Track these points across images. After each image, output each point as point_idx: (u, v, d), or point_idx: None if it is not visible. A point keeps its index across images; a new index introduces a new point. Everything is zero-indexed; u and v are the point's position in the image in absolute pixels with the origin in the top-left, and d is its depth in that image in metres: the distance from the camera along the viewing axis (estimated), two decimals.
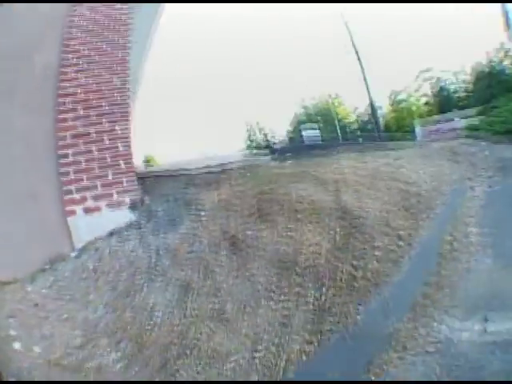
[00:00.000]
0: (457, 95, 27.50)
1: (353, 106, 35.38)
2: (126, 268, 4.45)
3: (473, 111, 13.95)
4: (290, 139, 31.22)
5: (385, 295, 3.97)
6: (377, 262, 4.35)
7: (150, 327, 3.74)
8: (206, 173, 6.58)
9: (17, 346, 3.59)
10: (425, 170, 6.91)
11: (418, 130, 22.60)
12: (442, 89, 28.61)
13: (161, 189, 6.02)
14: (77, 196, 5.17)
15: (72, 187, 5.18)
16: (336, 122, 32.91)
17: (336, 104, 35.54)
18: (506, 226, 5.00)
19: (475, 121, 13.44)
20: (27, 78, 5.49)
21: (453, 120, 19.90)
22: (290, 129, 34.87)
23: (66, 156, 5.27)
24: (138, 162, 5.92)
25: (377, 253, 4.49)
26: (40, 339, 3.65)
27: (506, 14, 17.80)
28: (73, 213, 5.11)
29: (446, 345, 3.35)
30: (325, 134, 27.85)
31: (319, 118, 33.89)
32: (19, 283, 4.37)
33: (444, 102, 27.14)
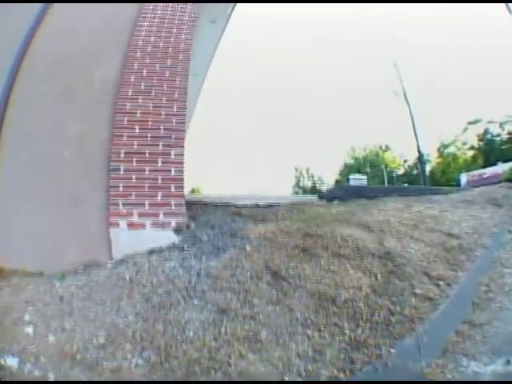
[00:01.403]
0: (502, 146, 27.88)
1: (402, 157, 35.95)
2: (164, 284, 4.30)
3: None
4: (337, 183, 31.90)
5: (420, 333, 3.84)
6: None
7: (180, 341, 3.53)
8: (253, 206, 6.49)
9: (29, 329, 3.51)
10: (466, 213, 6.92)
11: (462, 176, 24.94)
12: (488, 140, 28.95)
13: (207, 217, 5.95)
14: (123, 209, 5.14)
15: (119, 200, 5.18)
16: (384, 172, 33.48)
17: (386, 156, 36.09)
18: None
19: None
20: (85, 86, 5.71)
21: (496, 166, 20.12)
22: (339, 178, 35.67)
23: (117, 169, 5.32)
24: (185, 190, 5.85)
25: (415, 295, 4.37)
26: (57, 330, 3.56)
27: None
28: (116, 225, 5.07)
29: None
30: (372, 182, 28.55)
31: (368, 168, 34.51)
32: (46, 276, 4.34)
33: (489, 153, 27.65)
